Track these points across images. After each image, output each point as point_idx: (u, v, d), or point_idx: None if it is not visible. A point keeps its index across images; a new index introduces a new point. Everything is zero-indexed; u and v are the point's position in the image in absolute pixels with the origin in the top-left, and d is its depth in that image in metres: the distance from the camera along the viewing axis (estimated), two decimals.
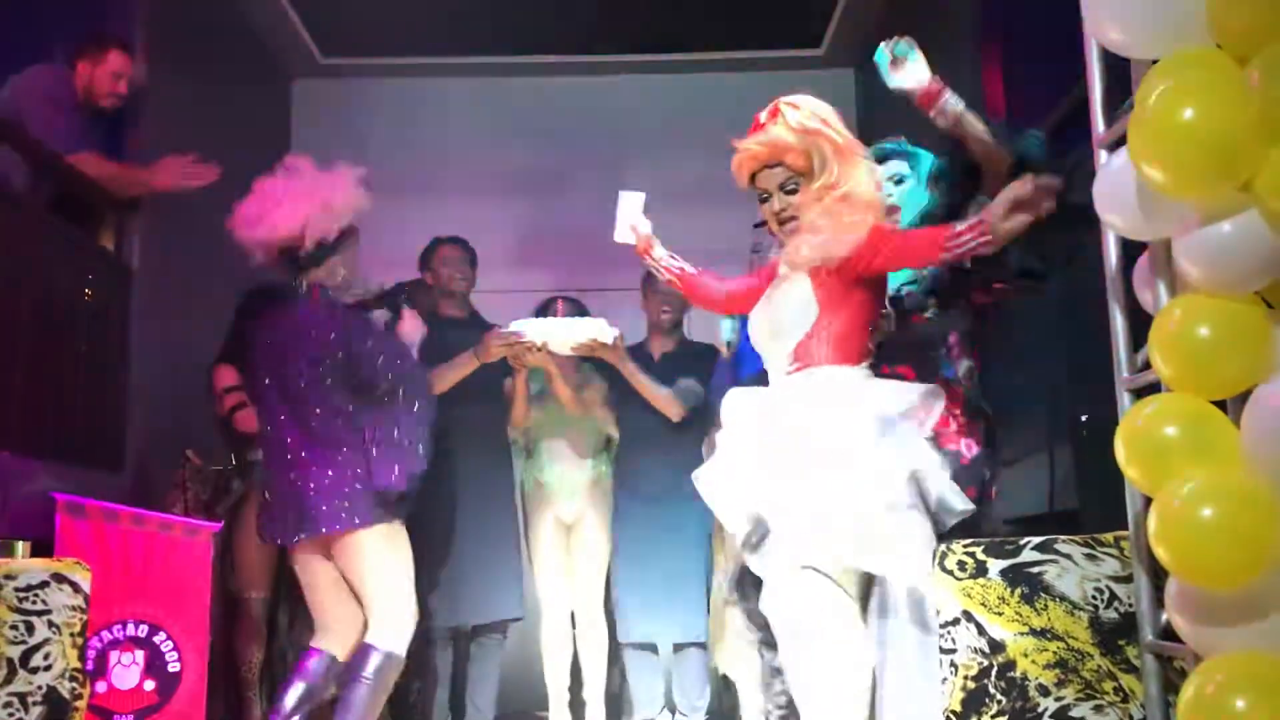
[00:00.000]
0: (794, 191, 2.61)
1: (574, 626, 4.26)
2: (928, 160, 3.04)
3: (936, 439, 2.62)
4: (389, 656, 3.18)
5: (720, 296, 2.91)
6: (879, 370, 2.70)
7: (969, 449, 2.83)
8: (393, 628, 3.21)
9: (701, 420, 4.16)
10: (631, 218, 2.92)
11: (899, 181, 3.05)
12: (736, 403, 2.66)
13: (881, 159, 3.02)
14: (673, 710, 4.32)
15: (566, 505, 4.22)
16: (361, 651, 3.19)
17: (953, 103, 2.73)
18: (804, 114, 2.60)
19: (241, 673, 4.08)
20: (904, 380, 2.66)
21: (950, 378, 2.88)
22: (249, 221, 3.25)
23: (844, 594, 2.46)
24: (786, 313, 2.60)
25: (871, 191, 2.61)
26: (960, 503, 2.44)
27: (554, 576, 4.22)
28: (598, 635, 4.20)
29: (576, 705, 4.27)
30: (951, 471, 2.54)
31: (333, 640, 3.29)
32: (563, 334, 3.86)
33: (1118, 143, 2.07)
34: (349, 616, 3.27)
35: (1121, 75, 2.18)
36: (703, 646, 4.17)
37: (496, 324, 4.11)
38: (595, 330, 3.89)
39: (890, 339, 2.87)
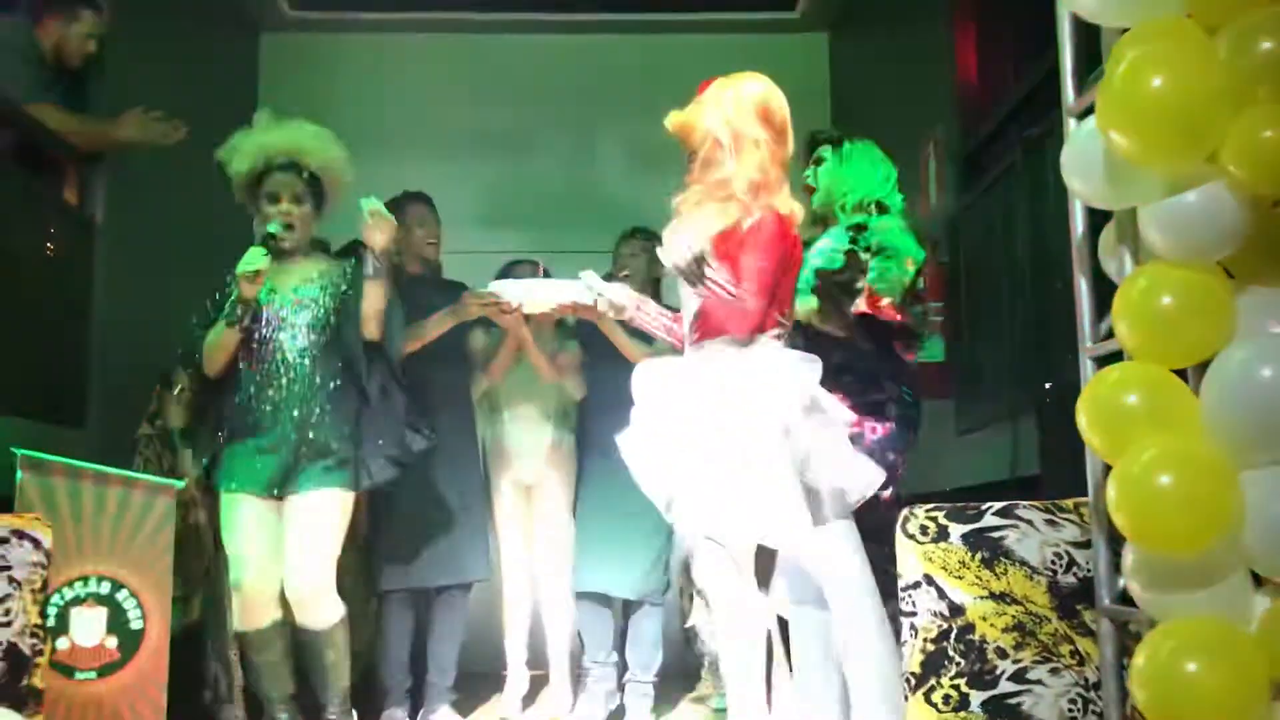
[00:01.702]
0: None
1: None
2: (863, 148, 3.24)
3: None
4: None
5: None
6: None
7: (873, 431, 3.02)
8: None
9: None
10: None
11: (818, 162, 3.29)
12: (646, 374, 2.73)
13: (811, 144, 3.29)
14: (615, 667, 4.22)
15: (527, 467, 4.19)
16: None
17: None
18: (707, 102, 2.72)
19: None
20: None
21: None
22: None
23: (734, 561, 2.65)
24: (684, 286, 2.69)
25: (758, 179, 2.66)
26: (855, 493, 2.62)
27: (515, 537, 4.22)
28: (560, 596, 4.19)
29: (537, 664, 4.29)
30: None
31: None
32: (542, 294, 3.76)
33: (1088, 111, 2.07)
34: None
35: (1093, 44, 2.18)
36: (658, 605, 4.16)
37: (462, 283, 4.08)
38: (575, 292, 3.79)
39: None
